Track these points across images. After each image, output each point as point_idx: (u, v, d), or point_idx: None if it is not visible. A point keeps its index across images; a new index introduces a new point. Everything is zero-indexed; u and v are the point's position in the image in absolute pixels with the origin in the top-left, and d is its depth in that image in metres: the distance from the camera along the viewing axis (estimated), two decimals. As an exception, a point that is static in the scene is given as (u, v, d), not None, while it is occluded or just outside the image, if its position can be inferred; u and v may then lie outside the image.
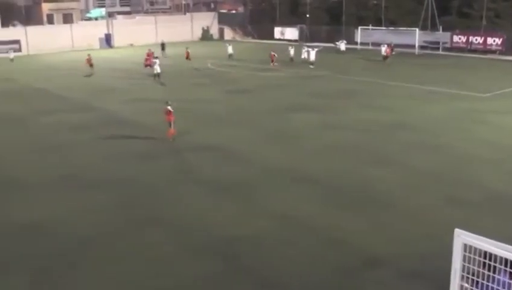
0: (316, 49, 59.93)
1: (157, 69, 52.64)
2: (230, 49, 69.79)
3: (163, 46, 74.72)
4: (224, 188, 23.28)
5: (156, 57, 56.05)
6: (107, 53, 78.60)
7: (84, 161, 27.96)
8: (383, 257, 16.61)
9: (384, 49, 62.75)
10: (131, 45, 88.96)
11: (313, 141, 30.22)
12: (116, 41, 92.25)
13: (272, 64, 60.52)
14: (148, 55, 61.35)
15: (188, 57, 63.36)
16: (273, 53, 61.64)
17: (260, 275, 15.87)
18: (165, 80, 52.19)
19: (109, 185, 24.09)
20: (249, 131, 32.72)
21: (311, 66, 57.78)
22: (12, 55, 77.25)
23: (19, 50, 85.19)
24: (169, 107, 31.08)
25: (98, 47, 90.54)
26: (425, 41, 72.59)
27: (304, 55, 63.80)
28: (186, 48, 64.40)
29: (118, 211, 21.12)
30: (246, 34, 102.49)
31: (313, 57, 58.61)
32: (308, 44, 75.85)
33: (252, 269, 16.21)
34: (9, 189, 24.12)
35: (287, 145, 29.62)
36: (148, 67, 58.75)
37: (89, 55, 58.91)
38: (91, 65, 57.65)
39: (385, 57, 61.07)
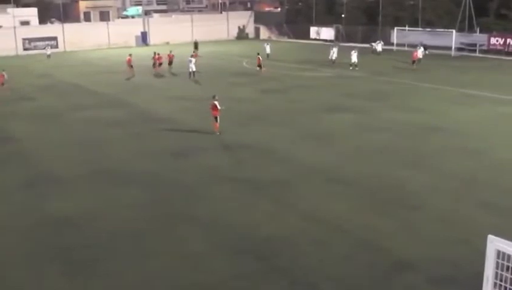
0: (356, 51, 59.06)
1: (192, 67, 52.85)
2: (268, 49, 69.37)
3: (196, 45, 74.64)
4: (259, 187, 23.33)
5: (192, 56, 56.14)
6: (143, 51, 78.94)
7: (118, 156, 28.31)
8: (414, 261, 16.46)
9: (420, 52, 61.52)
10: (167, 43, 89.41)
11: (347, 141, 30.08)
12: (152, 39, 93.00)
13: (258, 68, 56.12)
14: (159, 56, 60.08)
15: (156, 62, 60.12)
16: (259, 56, 57.34)
17: (291, 275, 15.84)
18: (200, 78, 52.41)
19: (142, 181, 24.33)
20: (284, 130, 32.71)
21: (356, 68, 56.93)
22: (49, 51, 78.63)
23: (56, 46, 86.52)
24: (216, 102, 31.49)
25: (134, 45, 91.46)
26: (462, 43, 71.48)
27: (332, 55, 63.31)
28: (194, 51, 62.11)
29: (151, 207, 21.31)
30: (282, 33, 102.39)
31: (355, 58, 57.76)
32: (345, 45, 75.61)
33: (284, 269, 16.19)
34: (44, 183, 24.53)
35: (322, 145, 29.55)
36: (157, 68, 58.74)
37: (130, 55, 58.28)
38: (131, 66, 57.10)
39: (413, 61, 58.75)
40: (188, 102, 41.85)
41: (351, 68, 57.05)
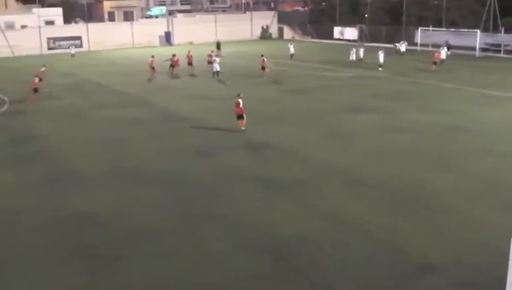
0: (383, 51, 58.64)
1: (216, 67, 52.90)
2: (292, 49, 69.25)
3: (218, 45, 74.60)
4: (280, 186, 23.28)
5: (216, 55, 56.01)
6: (167, 50, 79.11)
7: (141, 155, 28.45)
8: (436, 263, 16.27)
9: (443, 52, 60.78)
10: (191, 43, 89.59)
11: (370, 142, 29.88)
12: (176, 39, 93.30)
13: (262, 71, 54.08)
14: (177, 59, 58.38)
15: (174, 64, 57.29)
16: (263, 58, 54.99)
17: (310, 276, 15.76)
18: (223, 78, 52.51)
19: (165, 180, 24.42)
20: (305, 130, 32.64)
21: (380, 69, 56.60)
22: (73, 50, 79.18)
23: (80, 46, 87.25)
24: (239, 100, 32.08)
25: (158, 44, 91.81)
26: (486, 44, 70.70)
27: (353, 56, 63.19)
28: (212, 51, 59.22)
29: (172, 206, 21.38)
30: (305, 33, 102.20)
31: (381, 59, 57.31)
32: (368, 45, 75.27)
33: (303, 270, 16.13)
34: (67, 180, 24.74)
35: (343, 146, 29.40)
36: (174, 69, 57.45)
37: (152, 57, 57.30)
38: (153, 68, 56.18)
39: (434, 62, 57.03)
40: (210, 101, 41.94)
41: (380, 69, 56.49)
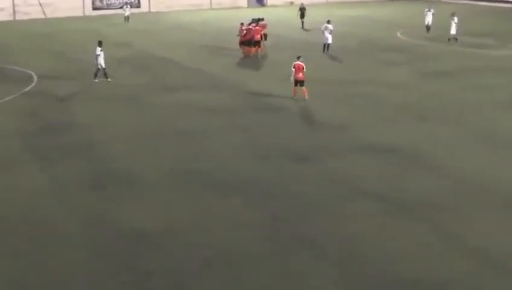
0: None
1: (328, 38, 53.03)
2: (429, 18, 64.55)
3: (302, 12, 71.79)
4: (406, 208, 23.18)
5: (328, 21, 55.39)
6: (258, 13, 78.71)
7: (216, 154, 29.13)
8: None
9: (453, 26, 58.71)
10: (291, 3, 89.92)
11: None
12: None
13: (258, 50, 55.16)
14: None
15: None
16: (258, 27, 55.61)
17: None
18: (338, 54, 52.82)
19: (247, 189, 24.95)
20: (446, 130, 32.42)
21: None
22: (127, 12, 79.66)
23: (138, 5, 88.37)
24: (301, 63, 36.15)
25: (245, 5, 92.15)
26: None
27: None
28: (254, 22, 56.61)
29: (258, 226, 21.76)
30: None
31: None
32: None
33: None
34: (121, 185, 25.61)
35: (499, 155, 28.94)
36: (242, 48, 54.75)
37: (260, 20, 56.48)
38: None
39: None
40: (316, 86, 41.32)
41: None
